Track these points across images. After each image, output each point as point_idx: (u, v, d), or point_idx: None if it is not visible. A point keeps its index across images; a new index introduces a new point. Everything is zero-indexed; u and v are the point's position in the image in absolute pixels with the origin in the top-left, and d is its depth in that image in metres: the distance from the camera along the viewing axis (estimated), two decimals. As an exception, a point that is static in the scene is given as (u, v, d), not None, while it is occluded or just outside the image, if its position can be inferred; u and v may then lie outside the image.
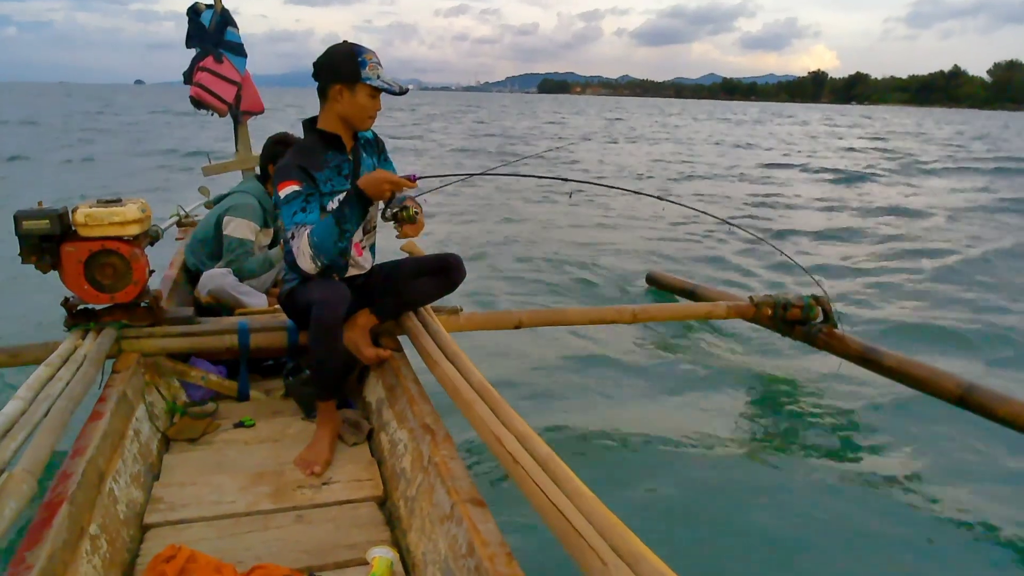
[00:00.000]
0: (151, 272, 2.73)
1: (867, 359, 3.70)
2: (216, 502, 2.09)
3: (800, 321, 3.96)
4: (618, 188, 3.54)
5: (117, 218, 2.52)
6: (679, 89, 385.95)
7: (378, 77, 2.44)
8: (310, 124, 2.59)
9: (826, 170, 19.29)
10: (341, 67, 2.43)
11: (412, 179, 2.40)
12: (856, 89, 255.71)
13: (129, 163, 16.38)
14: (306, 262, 2.36)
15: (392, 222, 2.61)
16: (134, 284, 2.61)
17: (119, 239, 2.55)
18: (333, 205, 2.47)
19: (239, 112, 4.34)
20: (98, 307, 2.68)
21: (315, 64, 2.49)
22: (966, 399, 3.22)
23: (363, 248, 2.70)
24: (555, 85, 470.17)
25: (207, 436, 2.53)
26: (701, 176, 17.24)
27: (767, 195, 14.00)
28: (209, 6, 4.18)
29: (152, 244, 3.48)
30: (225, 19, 4.12)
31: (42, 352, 2.53)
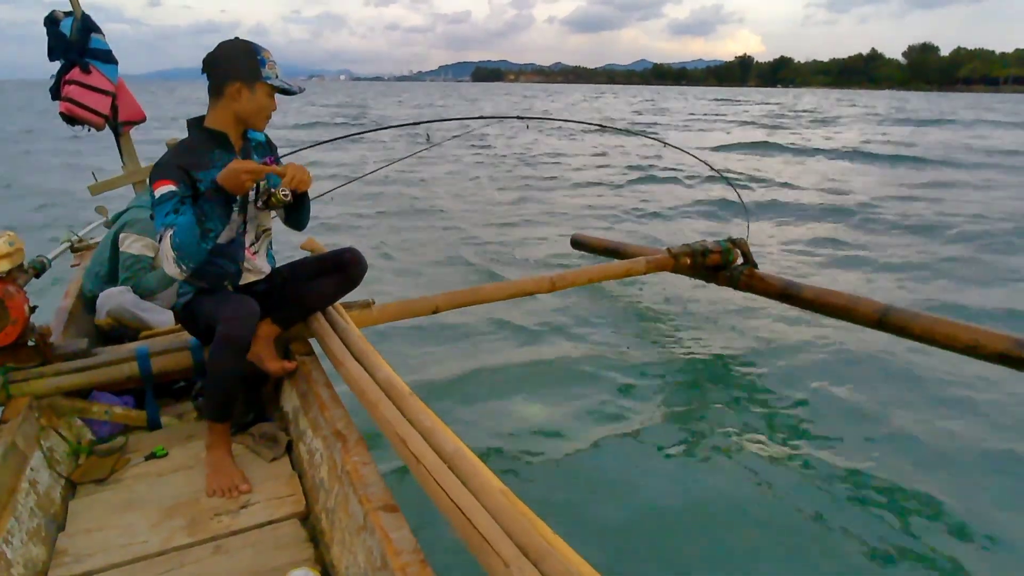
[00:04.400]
0: (33, 308, 2.54)
1: (788, 295, 3.75)
2: (126, 545, 1.96)
3: (720, 266, 3.99)
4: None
5: (-19, 256, 2.33)
6: (611, 75, 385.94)
7: (277, 76, 2.37)
8: (196, 122, 2.43)
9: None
10: (240, 65, 2.31)
11: (269, 162, 2.26)
12: (781, 73, 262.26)
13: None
14: (170, 266, 2.21)
15: (266, 210, 2.47)
16: (12, 324, 2.41)
17: (-12, 278, 2.35)
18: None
19: (118, 123, 4.07)
20: (-23, 354, 2.49)
21: (208, 60, 2.35)
22: (884, 321, 3.29)
23: (255, 253, 2.56)
24: (489, 73, 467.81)
25: (116, 474, 2.37)
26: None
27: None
28: (68, 13, 3.88)
29: (38, 276, 3.26)
30: (87, 26, 3.83)
31: (-82, 411, 2.34)
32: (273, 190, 2.38)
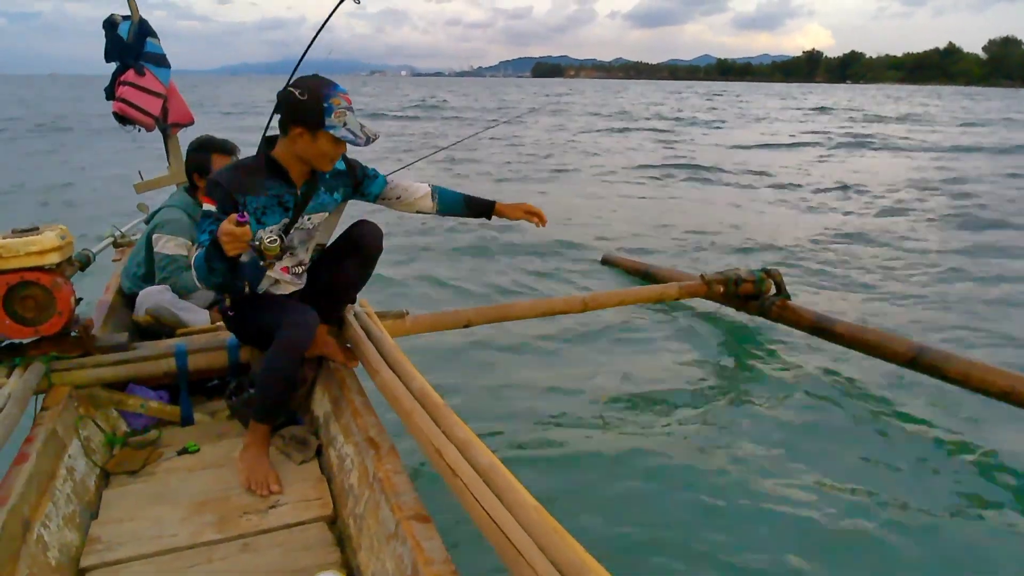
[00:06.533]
0: (78, 300, 2.61)
1: (820, 328, 3.73)
2: (156, 537, 2.00)
3: (753, 296, 3.98)
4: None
5: (34, 248, 2.40)
6: (673, 70, 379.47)
7: (344, 125, 2.26)
8: (268, 145, 2.42)
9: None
10: (304, 110, 2.24)
11: (240, 221, 2.08)
12: (850, 68, 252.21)
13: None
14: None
15: (270, 264, 2.32)
16: (59, 315, 2.48)
17: (39, 269, 2.43)
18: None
19: (167, 125, 4.19)
20: (23, 342, 2.56)
21: (280, 96, 2.30)
22: (917, 361, 3.26)
23: (288, 268, 2.60)
24: (549, 69, 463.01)
25: (149, 466, 2.42)
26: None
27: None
28: (126, 17, 4.01)
29: (83, 269, 3.34)
30: (144, 30, 3.95)
31: (-36, 394, 2.40)
32: (257, 243, 2.16)
